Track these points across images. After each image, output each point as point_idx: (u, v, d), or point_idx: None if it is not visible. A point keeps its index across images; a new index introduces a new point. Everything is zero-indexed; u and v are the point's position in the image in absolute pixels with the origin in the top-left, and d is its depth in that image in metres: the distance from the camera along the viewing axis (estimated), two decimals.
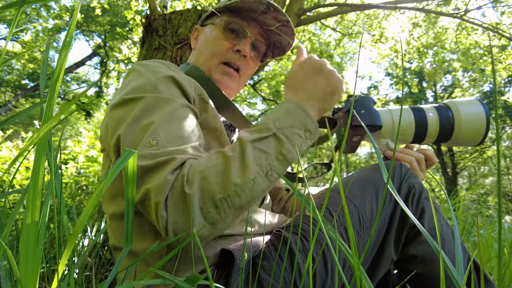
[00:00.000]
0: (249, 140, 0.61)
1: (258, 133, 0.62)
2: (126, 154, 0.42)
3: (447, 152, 13.80)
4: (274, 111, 0.68)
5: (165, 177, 0.54)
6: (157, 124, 0.59)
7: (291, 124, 0.64)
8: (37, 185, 0.36)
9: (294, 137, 0.63)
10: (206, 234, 0.55)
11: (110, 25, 10.54)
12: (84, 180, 2.47)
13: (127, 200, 0.45)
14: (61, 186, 0.56)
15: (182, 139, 0.60)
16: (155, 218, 0.54)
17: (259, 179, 0.58)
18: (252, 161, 0.58)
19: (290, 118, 0.65)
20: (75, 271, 0.83)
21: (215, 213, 0.54)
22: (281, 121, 0.64)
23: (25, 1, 0.44)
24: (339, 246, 0.35)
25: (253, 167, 0.57)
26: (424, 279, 0.69)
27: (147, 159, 0.56)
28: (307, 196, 0.73)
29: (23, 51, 0.94)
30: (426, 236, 0.32)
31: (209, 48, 0.88)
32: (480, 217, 2.05)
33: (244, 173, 0.56)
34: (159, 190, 0.53)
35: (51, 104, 0.38)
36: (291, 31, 0.91)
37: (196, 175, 0.54)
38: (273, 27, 0.91)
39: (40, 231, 0.37)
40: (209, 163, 0.57)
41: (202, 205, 0.54)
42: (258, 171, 0.58)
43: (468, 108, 0.82)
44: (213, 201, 0.54)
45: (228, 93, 0.92)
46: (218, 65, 0.87)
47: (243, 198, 0.56)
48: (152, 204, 0.54)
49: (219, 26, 0.88)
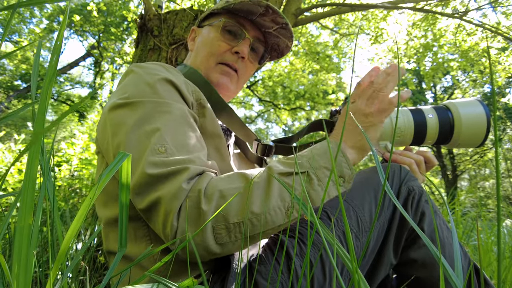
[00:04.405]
0: (278, 172, 0.59)
1: (289, 167, 0.61)
2: (120, 157, 0.41)
3: (447, 155, 13.84)
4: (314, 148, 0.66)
5: (179, 186, 0.53)
6: (162, 131, 0.59)
7: (325, 166, 0.62)
8: (30, 188, 0.35)
9: (325, 179, 0.61)
10: (215, 251, 0.55)
11: (104, 25, 10.48)
12: (77, 183, 2.45)
13: (121, 204, 0.44)
14: (54, 189, 0.55)
15: (189, 147, 0.60)
16: (162, 226, 0.54)
17: (278, 213, 0.56)
18: (277, 193, 0.57)
19: (325, 159, 0.63)
20: (69, 276, 0.82)
21: (226, 235, 0.54)
22: (316, 160, 0.62)
23: (20, 4, 0.43)
24: (337, 250, 0.34)
25: (275, 199, 0.56)
26: (425, 284, 0.69)
27: (159, 167, 0.55)
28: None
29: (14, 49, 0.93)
30: (425, 241, 0.32)
31: (207, 49, 0.87)
32: (480, 221, 2.06)
33: (265, 203, 0.55)
34: (173, 199, 0.53)
35: (43, 107, 0.38)
36: (289, 33, 0.90)
37: (215, 193, 0.54)
38: (271, 29, 0.90)
39: (33, 235, 0.36)
40: (230, 184, 0.56)
41: (215, 223, 0.53)
42: (279, 205, 0.56)
43: (468, 109, 0.81)
44: (227, 223, 0.53)
45: (226, 95, 0.91)
46: (216, 66, 0.86)
47: (257, 228, 0.55)
48: (162, 212, 0.53)
49: (217, 27, 0.87)
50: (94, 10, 4.77)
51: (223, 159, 0.74)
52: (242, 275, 0.58)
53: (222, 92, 0.88)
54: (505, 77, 4.81)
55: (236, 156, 0.96)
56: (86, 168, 2.60)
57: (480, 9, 3.54)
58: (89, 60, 13.45)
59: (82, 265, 1.12)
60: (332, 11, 3.18)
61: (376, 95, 0.70)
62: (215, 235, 0.53)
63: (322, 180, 0.60)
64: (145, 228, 0.64)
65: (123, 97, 0.65)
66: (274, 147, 0.93)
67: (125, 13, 4.46)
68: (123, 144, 0.59)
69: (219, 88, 0.87)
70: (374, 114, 0.70)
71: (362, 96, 0.71)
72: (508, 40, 3.67)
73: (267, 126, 18.09)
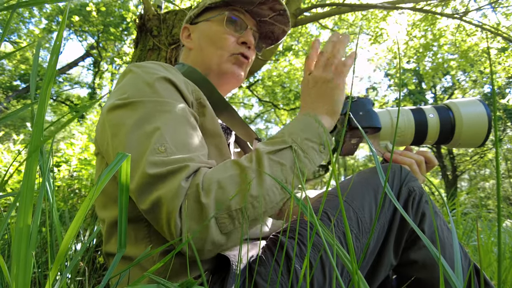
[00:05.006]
0: (265, 152, 0.61)
1: (274, 145, 0.63)
2: (119, 157, 0.41)
3: (447, 155, 13.84)
4: (291, 123, 0.68)
5: (179, 185, 0.53)
6: (163, 130, 0.59)
7: (306, 137, 0.64)
8: (29, 188, 0.35)
9: (309, 150, 0.64)
10: (221, 242, 0.55)
11: (103, 25, 10.47)
12: (77, 183, 2.44)
13: (121, 204, 0.44)
14: (53, 189, 0.55)
15: (189, 146, 0.60)
16: (167, 225, 0.54)
17: (274, 191, 0.58)
18: (269, 172, 0.58)
19: (305, 131, 0.65)
20: (68, 276, 0.82)
21: (230, 223, 0.54)
22: (296, 133, 0.65)
23: (19, 4, 0.43)
24: (337, 251, 0.34)
25: (269, 179, 0.57)
26: (425, 285, 0.68)
27: (158, 167, 0.55)
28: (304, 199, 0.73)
29: (13, 50, 0.93)
30: (425, 242, 0.32)
31: (214, 44, 0.87)
32: (480, 222, 2.05)
33: (261, 184, 0.56)
34: (173, 197, 0.53)
35: (43, 107, 0.37)
36: (286, 19, 0.92)
37: (212, 185, 0.54)
38: (267, 17, 0.92)
39: (32, 235, 0.36)
40: (225, 173, 0.57)
41: (217, 214, 0.54)
42: (274, 183, 0.58)
43: (469, 108, 0.80)
44: (229, 211, 0.54)
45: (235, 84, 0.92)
46: (229, 57, 0.87)
47: (258, 210, 0.56)
48: (165, 212, 0.54)
49: (220, 21, 0.87)
50: (93, 11, 4.77)
51: (224, 158, 0.74)
52: (242, 276, 0.58)
53: (234, 82, 0.90)
54: (505, 77, 4.81)
55: (236, 155, 0.95)
56: (85, 168, 2.59)
57: (480, 9, 3.54)
58: (88, 60, 13.46)
59: (81, 266, 1.12)
60: (332, 11, 3.18)
61: (330, 62, 0.72)
62: (219, 225, 0.54)
63: (307, 151, 0.63)
64: (146, 229, 0.64)
65: (122, 97, 0.64)
66: None
67: (124, 13, 4.45)
68: (123, 144, 0.59)
69: (232, 78, 0.88)
70: (335, 78, 0.71)
71: (317, 66, 0.73)
72: (508, 41, 3.67)
73: (266, 127, 18.10)
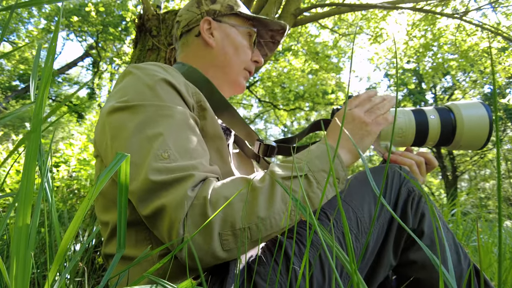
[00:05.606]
0: (280, 176, 0.61)
1: (289, 170, 0.63)
2: (119, 157, 0.41)
3: (447, 156, 13.83)
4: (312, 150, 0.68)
5: (184, 194, 0.53)
6: (165, 136, 0.58)
7: (323, 169, 0.64)
8: (28, 189, 0.35)
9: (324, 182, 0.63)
10: (221, 258, 0.55)
11: (102, 25, 10.45)
12: (76, 183, 2.44)
13: (120, 205, 0.44)
14: (52, 190, 0.55)
15: (192, 152, 0.59)
16: (167, 234, 0.53)
17: (281, 216, 0.57)
18: (280, 198, 0.58)
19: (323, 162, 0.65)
20: (67, 277, 0.82)
21: (233, 241, 0.54)
22: (314, 163, 0.64)
23: (17, 5, 0.43)
24: (336, 252, 0.34)
25: (279, 204, 0.57)
26: (424, 285, 0.68)
27: (162, 173, 0.55)
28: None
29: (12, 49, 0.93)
30: (421, 245, 0.32)
31: (238, 55, 0.89)
32: (480, 222, 2.06)
33: (270, 208, 0.56)
34: (178, 206, 0.53)
35: (41, 107, 0.37)
36: (275, 47, 1.01)
37: (221, 200, 0.54)
38: (265, 39, 0.98)
39: (31, 236, 0.36)
40: (235, 190, 0.57)
41: (221, 230, 0.53)
42: (283, 209, 0.57)
43: (470, 110, 0.80)
44: (233, 229, 0.54)
45: (229, 95, 0.95)
46: (243, 70, 0.92)
47: (263, 232, 0.56)
48: (167, 220, 0.53)
49: (246, 34, 0.91)
50: (92, 11, 4.76)
51: (224, 161, 0.74)
52: (241, 276, 0.58)
53: (237, 92, 0.94)
54: (505, 78, 4.82)
55: (236, 156, 0.95)
56: (84, 169, 2.59)
57: (480, 9, 3.54)
58: (88, 60, 13.44)
59: (80, 266, 1.12)
60: (331, 11, 3.19)
61: (374, 110, 0.74)
62: (222, 241, 0.53)
63: (321, 183, 0.62)
64: (147, 232, 0.63)
65: (123, 100, 0.63)
66: (277, 148, 0.93)
67: (124, 13, 4.45)
68: (124, 148, 0.59)
69: (239, 88, 0.93)
70: (372, 124, 0.72)
71: (360, 107, 0.75)
72: (508, 40, 3.67)
73: (266, 127, 18.12)
